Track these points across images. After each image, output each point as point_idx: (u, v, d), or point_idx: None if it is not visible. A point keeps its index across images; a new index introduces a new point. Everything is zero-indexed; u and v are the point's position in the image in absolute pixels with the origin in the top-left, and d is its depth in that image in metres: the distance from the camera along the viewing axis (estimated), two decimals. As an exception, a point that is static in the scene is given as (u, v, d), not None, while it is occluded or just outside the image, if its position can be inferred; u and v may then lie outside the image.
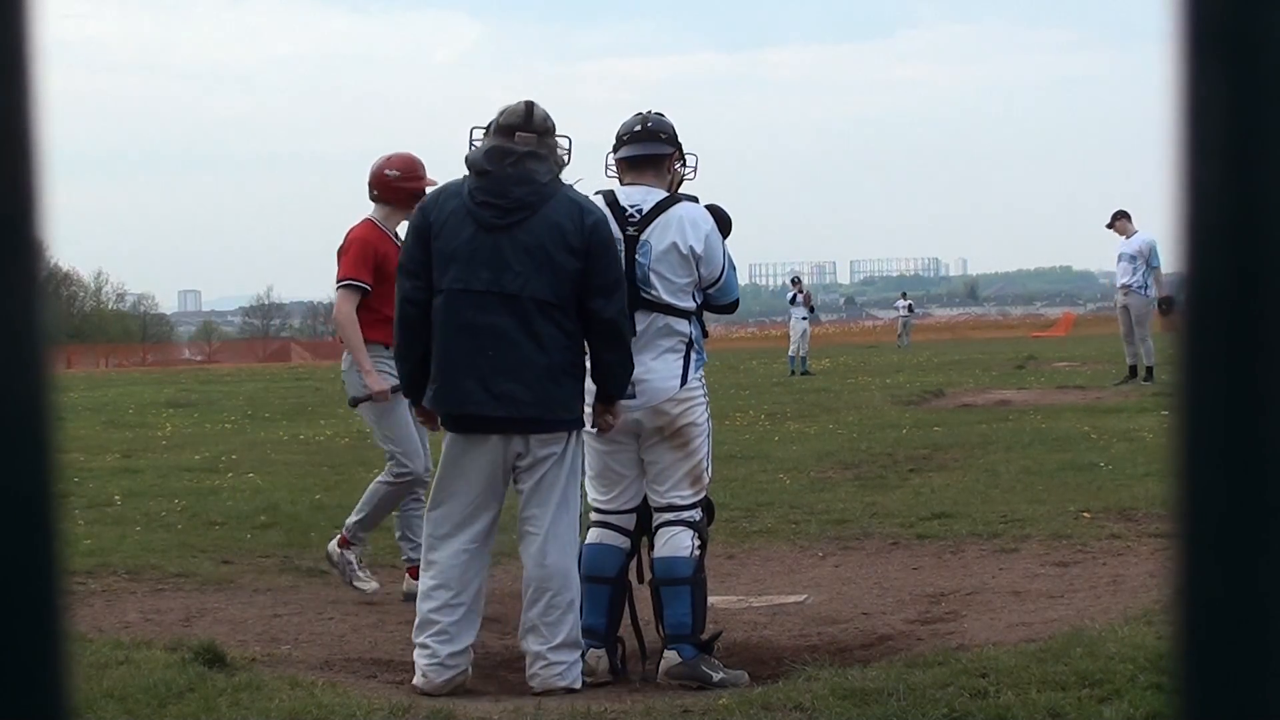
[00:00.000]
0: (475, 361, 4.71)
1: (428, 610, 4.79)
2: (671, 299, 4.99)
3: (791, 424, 14.12)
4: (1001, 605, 5.64)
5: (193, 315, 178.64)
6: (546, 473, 4.77)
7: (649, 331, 4.98)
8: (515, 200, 4.71)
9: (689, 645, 4.86)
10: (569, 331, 4.74)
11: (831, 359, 31.55)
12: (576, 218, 4.71)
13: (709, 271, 5.03)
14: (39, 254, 0.57)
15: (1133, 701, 3.78)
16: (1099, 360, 24.96)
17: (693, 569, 4.96)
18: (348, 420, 17.06)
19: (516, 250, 4.70)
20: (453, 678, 4.73)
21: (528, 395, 4.69)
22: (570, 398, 4.76)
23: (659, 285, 4.97)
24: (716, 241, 5.05)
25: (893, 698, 3.94)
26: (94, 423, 17.11)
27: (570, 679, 4.72)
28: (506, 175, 4.73)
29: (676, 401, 4.99)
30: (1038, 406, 15.14)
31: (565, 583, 4.77)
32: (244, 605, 6.09)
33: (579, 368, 4.79)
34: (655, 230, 4.98)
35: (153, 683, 4.28)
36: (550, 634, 4.73)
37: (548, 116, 4.85)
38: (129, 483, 10.50)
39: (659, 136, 5.12)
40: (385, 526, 8.18)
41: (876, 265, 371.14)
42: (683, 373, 5.00)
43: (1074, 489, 8.57)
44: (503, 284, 4.70)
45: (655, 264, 4.96)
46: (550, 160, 4.79)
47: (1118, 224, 16.52)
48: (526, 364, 4.69)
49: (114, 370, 50.19)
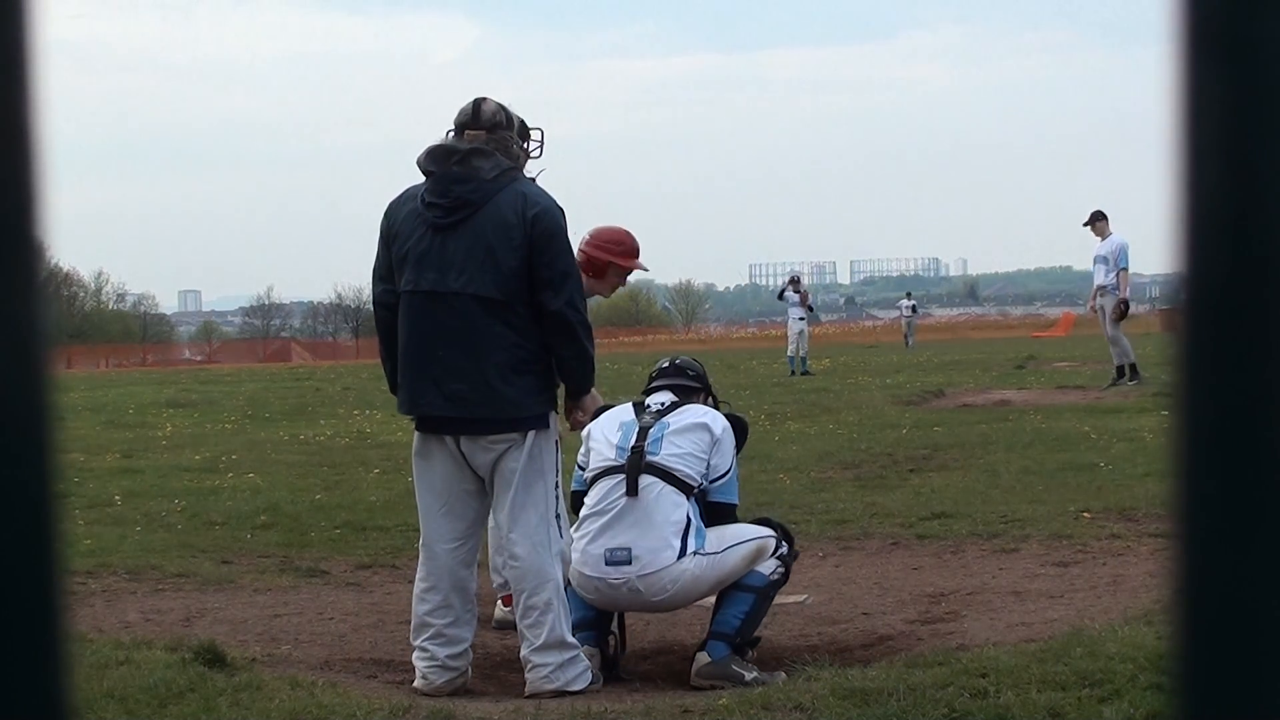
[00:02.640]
0: (427, 363, 4.71)
1: (422, 613, 4.79)
2: (678, 464, 4.99)
3: (791, 424, 14.12)
4: (1001, 605, 5.64)
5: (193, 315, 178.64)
6: (505, 472, 4.72)
7: (646, 498, 4.96)
8: (457, 198, 4.69)
9: (722, 644, 4.83)
10: (519, 328, 4.67)
11: (831, 359, 31.55)
12: (520, 210, 4.67)
13: (719, 461, 5.07)
14: (39, 254, 0.57)
15: (1133, 701, 3.77)
16: (1099, 360, 24.94)
17: (765, 584, 4.95)
18: (348, 420, 17.07)
19: (460, 249, 4.67)
20: (453, 679, 4.73)
21: (474, 395, 4.66)
22: (522, 395, 4.68)
23: (666, 450, 5.01)
24: (731, 442, 5.13)
25: (893, 698, 3.94)
26: (94, 423, 17.11)
27: (561, 680, 4.64)
28: (449, 174, 4.71)
29: (672, 579, 4.89)
30: (1038, 406, 15.14)
31: (539, 582, 4.69)
32: (244, 605, 6.09)
33: (535, 364, 4.71)
34: (679, 412, 5.15)
35: (153, 683, 4.28)
36: (532, 636, 4.69)
37: (498, 111, 4.81)
38: (129, 483, 10.50)
39: (687, 374, 5.39)
40: (383, 526, 8.19)
41: (876, 265, 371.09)
42: (680, 546, 4.92)
43: (1074, 489, 8.57)
44: (447, 283, 4.67)
45: (672, 434, 5.05)
46: (499, 156, 4.74)
47: (1095, 225, 16.61)
48: (473, 363, 4.66)
49: (114, 370, 50.20)
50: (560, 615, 4.71)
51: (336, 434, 15.13)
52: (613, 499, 4.96)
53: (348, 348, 71.64)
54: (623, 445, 5.05)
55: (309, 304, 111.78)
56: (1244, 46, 0.57)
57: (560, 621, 4.70)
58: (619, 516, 4.93)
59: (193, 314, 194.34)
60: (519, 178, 4.79)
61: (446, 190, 4.70)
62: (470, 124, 4.78)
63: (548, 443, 4.78)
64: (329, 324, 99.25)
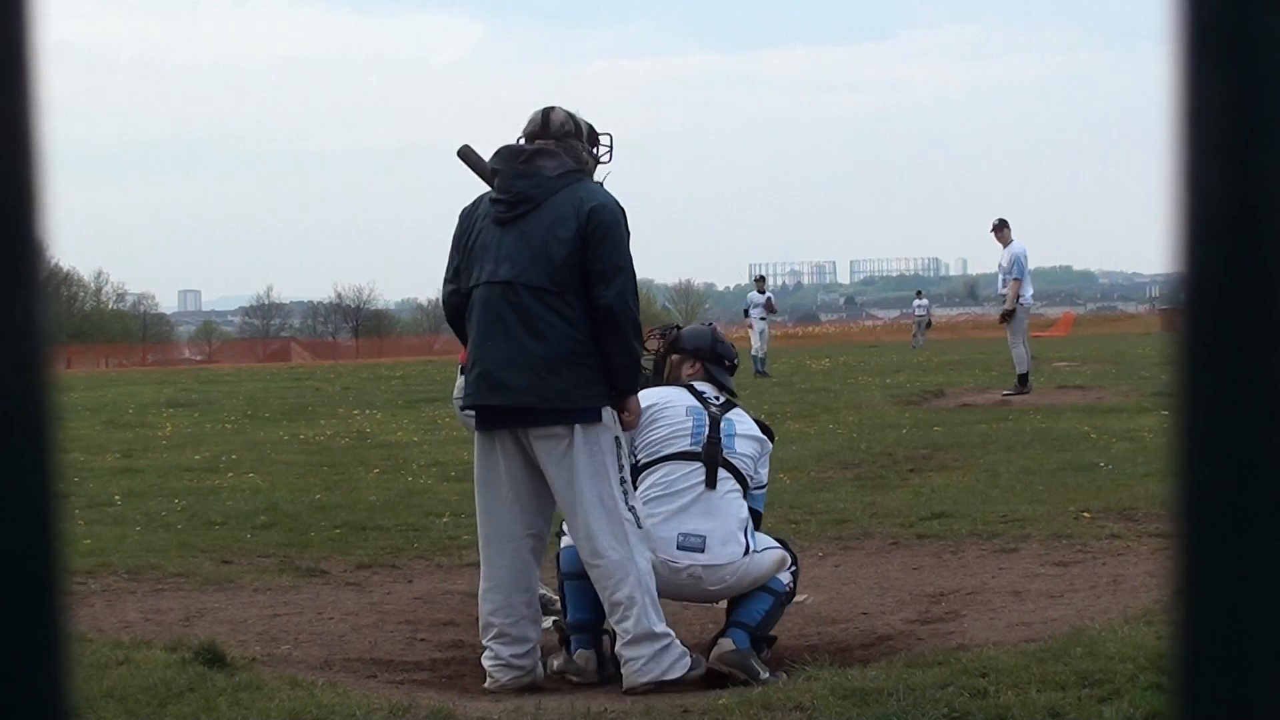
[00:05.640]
0: (483, 354, 4.76)
1: (487, 613, 4.84)
2: (744, 466, 5.12)
3: (791, 424, 14.12)
4: (1001, 605, 5.64)
5: (193, 315, 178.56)
6: (565, 471, 4.71)
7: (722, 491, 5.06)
8: (518, 193, 4.78)
9: (744, 634, 4.87)
10: (571, 320, 4.69)
11: (831, 359, 31.54)
12: (576, 205, 4.73)
13: (763, 472, 5.27)
14: (40, 254, 0.57)
15: (1133, 701, 3.77)
16: (1099, 360, 24.97)
17: (783, 590, 5.02)
18: (348, 420, 17.07)
19: (519, 241, 4.74)
20: (519, 677, 4.75)
21: (522, 384, 4.67)
22: (571, 387, 4.68)
23: (739, 449, 5.13)
24: (769, 454, 5.33)
25: (893, 698, 3.94)
26: (94, 423, 17.11)
27: (656, 671, 4.64)
28: (513, 171, 4.81)
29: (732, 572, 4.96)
30: (1038, 406, 15.14)
31: (620, 577, 4.69)
32: (244, 605, 6.09)
33: (587, 357, 4.72)
34: (736, 412, 5.31)
35: (153, 683, 4.28)
36: (621, 631, 4.71)
37: (567, 120, 4.88)
38: (129, 483, 10.50)
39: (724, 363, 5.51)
40: (383, 526, 8.19)
41: (876, 265, 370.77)
42: (746, 542, 5.02)
43: (1074, 489, 8.57)
44: (500, 273, 4.74)
45: (739, 435, 5.18)
46: (564, 157, 4.82)
47: (999, 234, 16.78)
48: (523, 353, 4.68)
49: (114, 370, 50.19)
50: (646, 606, 4.69)
51: (336, 434, 15.13)
52: (689, 484, 5.02)
53: (348, 348, 71.62)
54: (698, 433, 5.10)
55: (309, 304, 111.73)
56: (1244, 46, 0.57)
57: (646, 613, 4.68)
58: (695, 503, 4.99)
59: (192, 314, 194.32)
60: (583, 179, 4.84)
61: (509, 186, 4.80)
62: (539, 133, 4.87)
63: (605, 437, 4.75)
64: (329, 324, 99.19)
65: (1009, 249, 16.68)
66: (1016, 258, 16.56)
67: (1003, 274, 16.80)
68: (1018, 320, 16.77)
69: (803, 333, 79.47)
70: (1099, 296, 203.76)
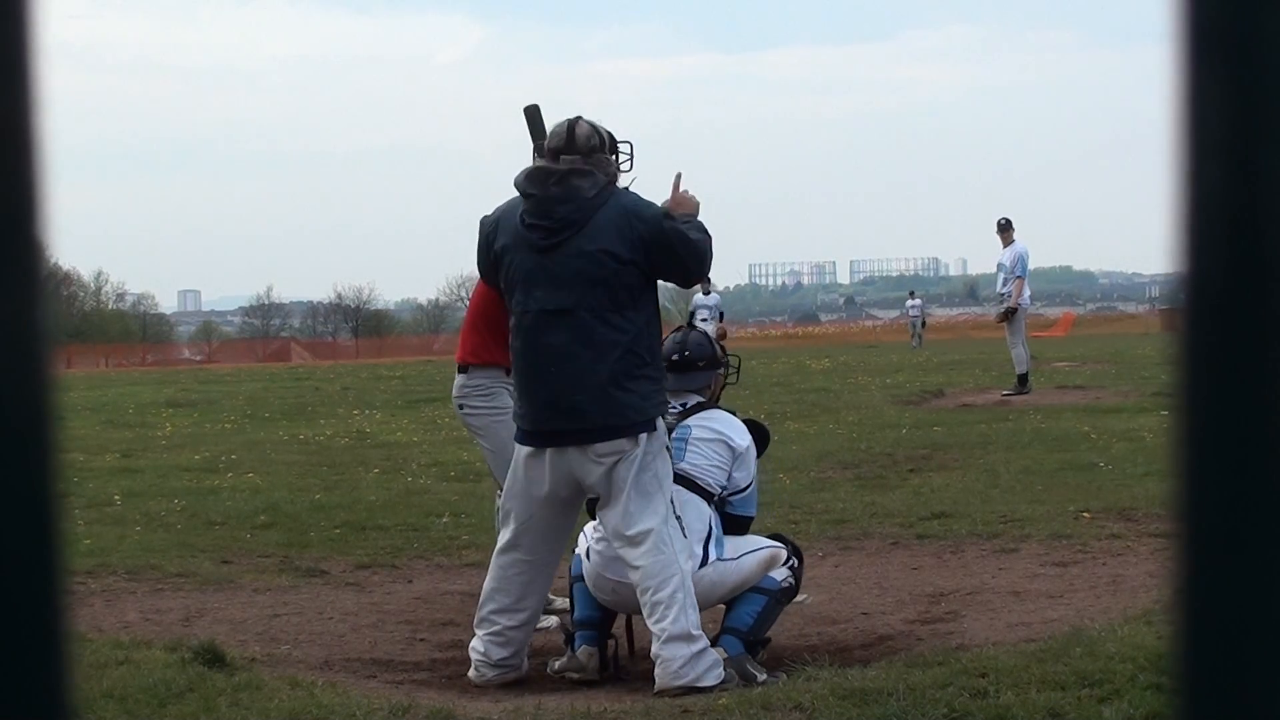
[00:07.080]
0: (544, 380, 4.78)
1: (489, 610, 4.91)
2: (700, 474, 5.04)
3: (791, 424, 14.12)
4: (1001, 605, 5.64)
5: (193, 315, 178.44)
6: (618, 481, 4.75)
7: None
8: (560, 219, 4.76)
9: (736, 640, 4.86)
10: (632, 334, 4.75)
11: (831, 359, 31.54)
12: (625, 226, 4.75)
13: (740, 476, 5.13)
14: (40, 254, 0.57)
15: (1133, 701, 3.78)
16: (1099, 360, 24.97)
17: (777, 589, 4.99)
18: (347, 420, 17.07)
19: (569, 266, 4.74)
20: (503, 674, 4.91)
21: (592, 405, 4.72)
22: (637, 400, 4.75)
23: (690, 458, 5.05)
24: (754, 457, 5.20)
25: (893, 698, 3.94)
26: (94, 423, 17.11)
27: (691, 675, 4.62)
28: (550, 195, 4.78)
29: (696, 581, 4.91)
30: (1037, 407, 15.14)
31: (665, 577, 4.70)
32: (244, 605, 6.10)
33: (646, 369, 4.79)
34: (702, 416, 5.19)
35: (153, 683, 4.28)
36: (659, 631, 4.71)
37: (593, 134, 4.86)
38: (129, 483, 10.50)
39: (698, 365, 5.35)
40: (383, 526, 8.19)
41: (876, 265, 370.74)
42: (703, 554, 4.96)
43: (1074, 489, 8.58)
44: (560, 300, 4.75)
45: (695, 441, 5.10)
46: (596, 174, 4.81)
47: (1003, 234, 16.82)
48: (592, 375, 4.71)
49: (114, 370, 50.19)
50: (686, 608, 4.68)
51: (336, 434, 15.13)
52: None
53: (347, 348, 71.61)
54: None
55: (308, 304, 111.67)
56: (1244, 46, 0.57)
57: (686, 613, 4.67)
58: None
59: (192, 314, 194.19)
60: (616, 191, 4.85)
61: (549, 212, 4.77)
62: (565, 149, 4.84)
63: (659, 443, 4.83)
64: (329, 324, 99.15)
65: (1012, 248, 16.71)
66: (1020, 256, 16.59)
67: (1005, 273, 16.82)
68: (1017, 320, 16.79)
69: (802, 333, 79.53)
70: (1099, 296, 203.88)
